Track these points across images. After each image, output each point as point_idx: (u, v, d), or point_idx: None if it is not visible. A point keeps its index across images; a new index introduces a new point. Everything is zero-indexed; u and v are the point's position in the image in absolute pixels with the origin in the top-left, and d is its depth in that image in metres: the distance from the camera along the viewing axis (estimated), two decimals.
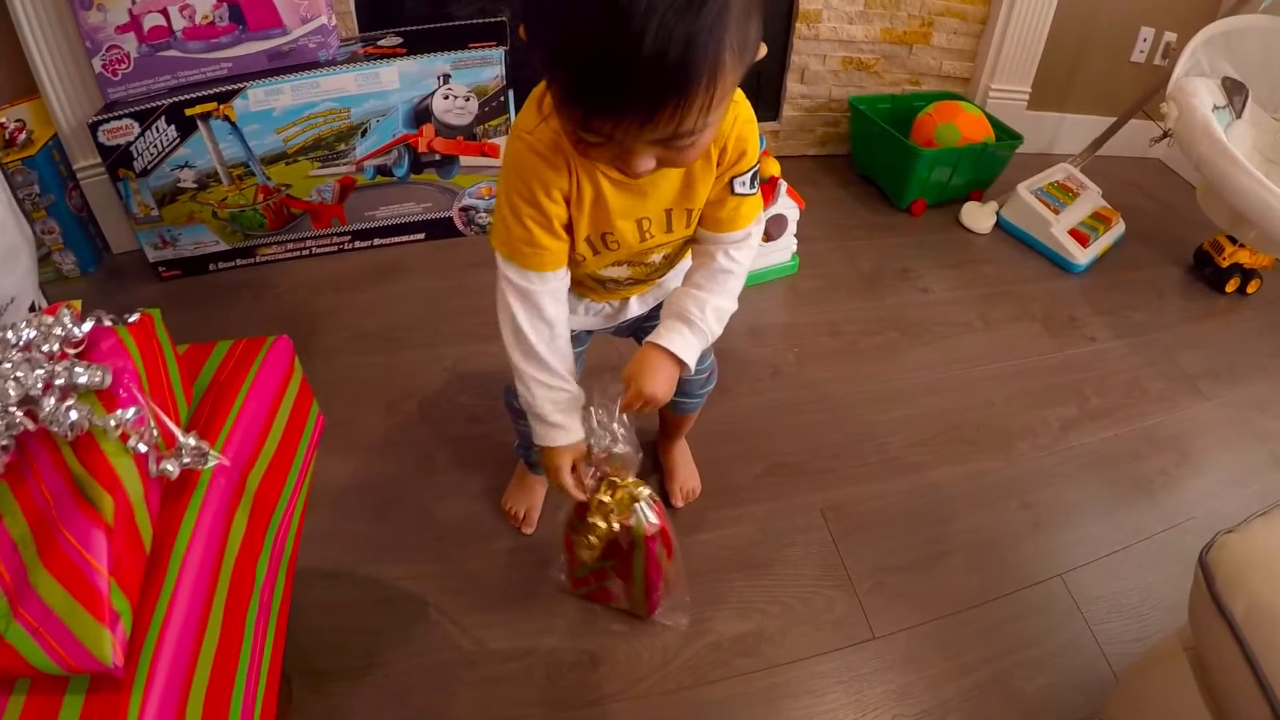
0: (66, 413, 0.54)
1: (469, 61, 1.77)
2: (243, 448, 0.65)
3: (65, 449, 0.55)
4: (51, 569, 0.50)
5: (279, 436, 0.70)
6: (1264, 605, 0.79)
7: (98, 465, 0.53)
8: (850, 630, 1.23)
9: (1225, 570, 0.84)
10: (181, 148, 1.74)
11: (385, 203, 1.94)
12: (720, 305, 0.95)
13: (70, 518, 0.51)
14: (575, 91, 0.62)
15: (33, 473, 0.55)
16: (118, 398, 0.56)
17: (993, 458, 1.56)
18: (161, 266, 1.89)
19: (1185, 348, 1.97)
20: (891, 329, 1.85)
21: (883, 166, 2.33)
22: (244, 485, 0.63)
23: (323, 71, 1.73)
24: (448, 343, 1.70)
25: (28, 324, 0.61)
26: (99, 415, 0.55)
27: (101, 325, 0.61)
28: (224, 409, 0.66)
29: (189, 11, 1.68)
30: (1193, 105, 1.90)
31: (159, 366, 0.62)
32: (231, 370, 0.70)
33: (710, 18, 0.57)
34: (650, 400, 0.93)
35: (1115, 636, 1.27)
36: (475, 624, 1.20)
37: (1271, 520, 0.88)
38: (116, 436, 0.55)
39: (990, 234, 2.27)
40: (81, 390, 0.56)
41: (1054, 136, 2.70)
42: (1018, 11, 2.33)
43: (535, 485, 1.36)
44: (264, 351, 0.73)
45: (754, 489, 1.44)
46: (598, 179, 0.82)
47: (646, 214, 0.88)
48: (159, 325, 0.65)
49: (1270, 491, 1.59)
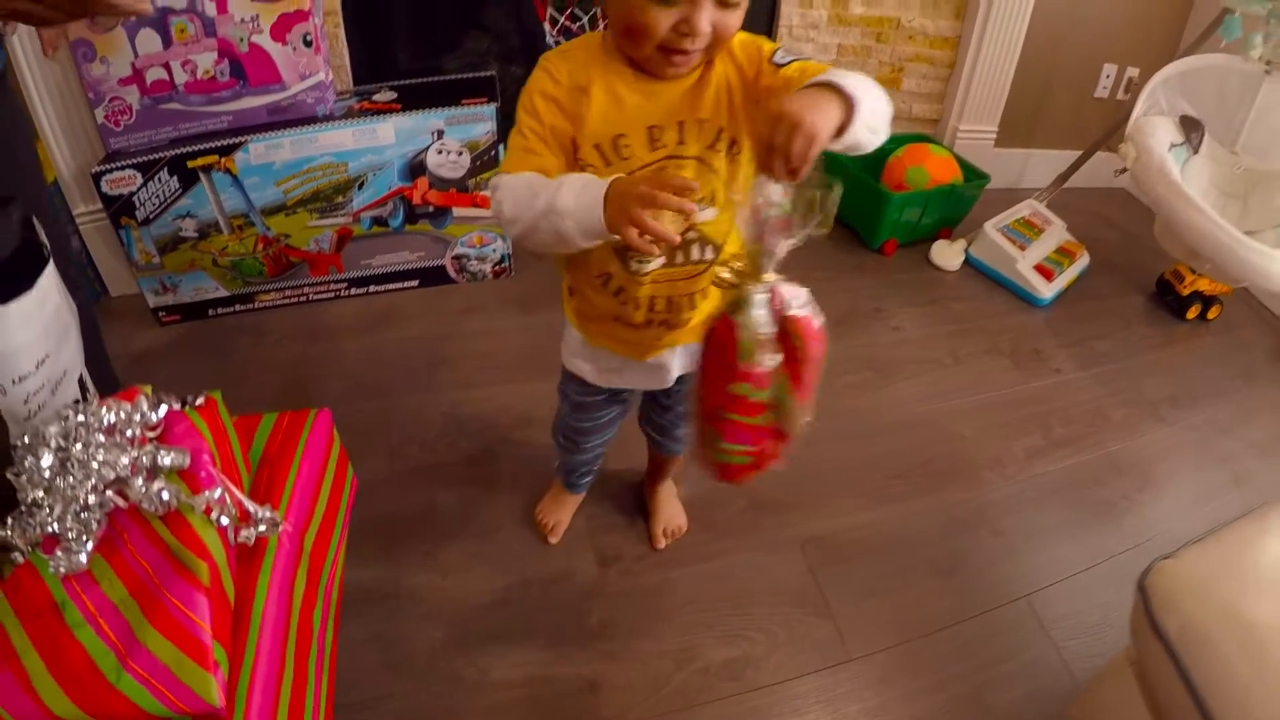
0: (158, 493, 0.66)
1: (461, 118, 1.91)
2: (299, 513, 0.78)
3: (157, 524, 0.67)
4: (159, 627, 0.62)
5: (326, 500, 0.83)
6: (1195, 624, 0.91)
7: (189, 538, 0.66)
8: (829, 653, 1.37)
9: (1160, 593, 0.96)
10: (183, 198, 1.86)
11: (381, 252, 2.07)
12: (857, 80, 0.82)
13: (172, 583, 0.64)
14: None
15: (125, 545, 0.67)
16: (199, 477, 0.69)
17: (963, 488, 1.71)
18: (162, 311, 2.01)
19: (1148, 375, 2.13)
20: (866, 368, 2.00)
21: (855, 209, 2.49)
22: (302, 546, 0.75)
23: (321, 127, 1.85)
24: (444, 389, 1.83)
25: (108, 409, 0.74)
26: (186, 495, 0.67)
27: (174, 409, 0.74)
28: (280, 478, 0.79)
29: (191, 66, 1.79)
30: (1149, 146, 2.06)
31: (225, 443, 0.75)
32: (282, 441, 0.83)
33: None
34: (811, 133, 0.74)
35: (1079, 652, 1.41)
36: (479, 655, 1.32)
37: (1206, 547, 1.00)
38: (202, 512, 0.67)
39: (959, 271, 2.44)
40: (165, 471, 0.68)
41: (1022, 171, 2.87)
42: (984, 56, 2.51)
43: (568, 501, 1.53)
44: (309, 424, 0.86)
45: (737, 524, 1.57)
46: (614, 85, 0.92)
47: (657, 121, 0.93)
48: (221, 406, 0.78)
49: (1229, 510, 1.72)
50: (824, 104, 0.76)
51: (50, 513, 0.69)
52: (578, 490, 1.52)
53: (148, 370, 1.89)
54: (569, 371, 1.24)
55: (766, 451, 1.01)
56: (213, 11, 1.74)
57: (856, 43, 2.44)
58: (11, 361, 0.84)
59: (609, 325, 1.10)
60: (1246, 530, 1.03)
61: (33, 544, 0.71)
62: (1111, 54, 2.75)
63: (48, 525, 0.69)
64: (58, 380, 0.94)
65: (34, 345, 0.86)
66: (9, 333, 0.82)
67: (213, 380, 1.75)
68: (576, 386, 1.25)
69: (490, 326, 2.02)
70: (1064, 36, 2.63)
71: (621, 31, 0.88)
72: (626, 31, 0.87)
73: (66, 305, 0.96)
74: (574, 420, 1.32)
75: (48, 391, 0.91)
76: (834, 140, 0.79)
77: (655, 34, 0.84)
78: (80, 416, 0.72)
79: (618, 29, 0.89)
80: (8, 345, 0.83)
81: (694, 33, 0.84)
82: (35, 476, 0.71)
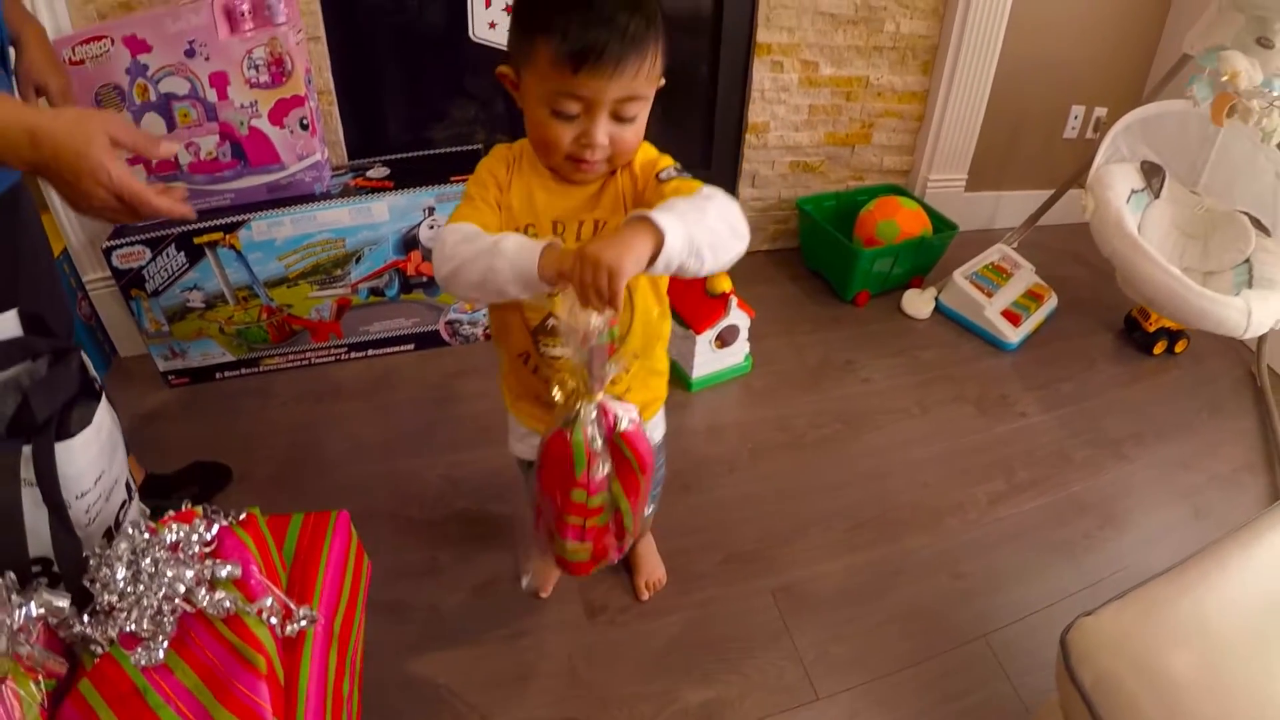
0: (220, 601, 0.88)
1: (451, 195, 2.13)
2: (329, 604, 0.99)
3: (219, 625, 0.89)
4: (230, 708, 0.83)
5: (349, 588, 1.04)
6: (1109, 676, 1.05)
7: (247, 636, 0.87)
8: (798, 694, 1.55)
9: (1079, 647, 1.10)
10: (190, 272, 2.06)
11: (378, 319, 2.29)
12: (692, 202, 0.98)
13: (237, 673, 0.85)
14: (567, 46, 0.94)
15: (194, 641, 0.88)
16: (249, 585, 0.90)
17: (926, 534, 1.89)
18: (171, 375, 2.22)
19: (1111, 414, 2.32)
20: (836, 421, 2.21)
21: (828, 262, 2.71)
22: (332, 630, 0.97)
23: (319, 205, 2.06)
24: (440, 451, 2.03)
25: (169, 530, 0.95)
26: (243, 602, 0.88)
27: (224, 525, 0.95)
28: (312, 574, 1.01)
29: (194, 148, 1.99)
30: (1107, 199, 2.22)
31: (266, 550, 0.96)
32: (310, 540, 1.05)
33: (652, 21, 0.97)
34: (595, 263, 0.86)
35: (1036, 688, 1.59)
36: (481, 702, 1.51)
37: (1123, 604, 1.13)
38: (255, 614, 0.88)
39: (930, 318, 2.65)
40: (222, 582, 0.90)
41: (993, 214, 3.09)
42: (952, 107, 2.73)
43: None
44: (331, 525, 1.08)
45: (714, 575, 1.77)
46: (530, 183, 1.11)
47: (560, 217, 1.13)
48: (261, 520, 0.99)
49: (1189, 542, 1.82)
50: (629, 240, 0.88)
51: (128, 615, 0.90)
52: None
53: (160, 430, 2.10)
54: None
55: (606, 546, 1.17)
56: (214, 98, 1.93)
57: (827, 102, 2.66)
58: (76, 482, 1.05)
59: (532, 405, 1.28)
60: (1166, 588, 1.15)
61: (110, 641, 0.92)
62: (1079, 95, 2.96)
63: (126, 625, 0.90)
64: (110, 488, 1.16)
65: (93, 465, 1.08)
66: (74, 460, 1.04)
67: (224, 441, 2.00)
68: (520, 462, 1.44)
69: (482, 389, 2.22)
70: (1031, 81, 2.84)
71: (535, 143, 1.09)
72: (539, 143, 1.07)
73: (113, 422, 1.18)
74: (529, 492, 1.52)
75: (103, 500, 1.12)
76: (648, 268, 0.90)
77: (560, 146, 1.04)
78: (145, 535, 0.94)
79: (534, 141, 1.09)
80: (73, 470, 1.04)
81: (592, 144, 1.03)
82: (111, 585, 0.93)
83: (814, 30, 2.51)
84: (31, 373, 1.09)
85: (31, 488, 0.99)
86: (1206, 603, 1.13)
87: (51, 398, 1.01)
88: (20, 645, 0.85)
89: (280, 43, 1.90)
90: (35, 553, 1.01)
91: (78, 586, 0.98)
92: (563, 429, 1.02)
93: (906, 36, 2.63)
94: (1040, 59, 2.81)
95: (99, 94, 1.88)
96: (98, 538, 1.11)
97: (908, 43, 2.65)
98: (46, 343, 1.08)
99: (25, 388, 1.04)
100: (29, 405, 0.99)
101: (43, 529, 1.01)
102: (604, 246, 0.87)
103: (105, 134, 0.91)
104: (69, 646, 0.94)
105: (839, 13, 2.50)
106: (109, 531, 1.12)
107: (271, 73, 1.93)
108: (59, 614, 0.89)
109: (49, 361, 1.08)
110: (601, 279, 0.85)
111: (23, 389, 1.05)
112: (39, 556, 1.02)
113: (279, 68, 1.93)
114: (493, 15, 2.24)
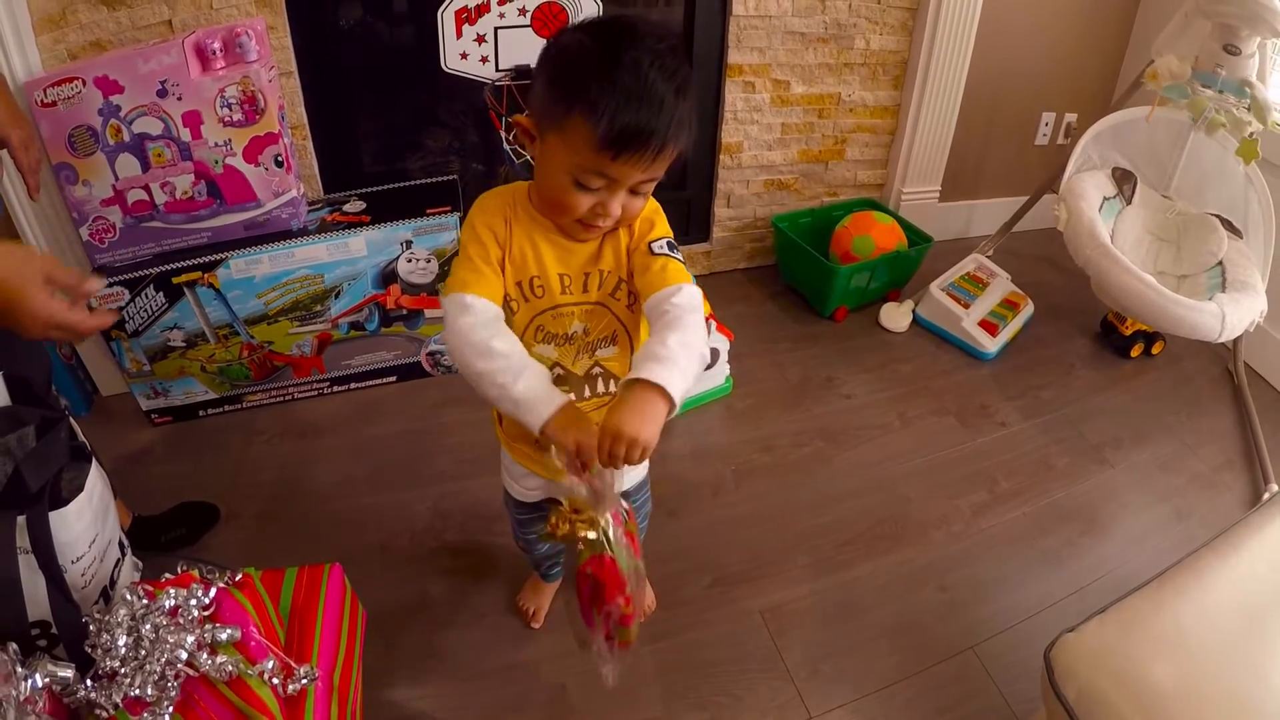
0: (222, 665, 0.91)
1: (427, 228, 2.16)
2: (328, 658, 1.03)
3: (223, 687, 0.92)
4: None
5: (345, 640, 1.08)
6: (1091, 691, 1.09)
7: (251, 697, 0.91)
8: (790, 713, 1.59)
9: (1062, 663, 1.15)
10: (170, 311, 2.08)
11: (360, 353, 2.32)
12: (684, 339, 1.02)
13: None
14: (612, 133, 0.94)
15: (199, 704, 0.92)
16: (250, 647, 0.94)
17: (911, 548, 1.94)
18: (154, 414, 2.24)
19: (1090, 419, 2.38)
20: (818, 439, 2.26)
21: (806, 279, 2.77)
22: (331, 683, 1.00)
23: (297, 242, 2.09)
24: (427, 483, 2.06)
25: (167, 596, 0.99)
26: (245, 665, 0.92)
27: (221, 588, 0.98)
28: (309, 629, 1.04)
29: (169, 187, 2.00)
30: (1080, 209, 2.28)
31: (263, 609, 0.99)
32: (305, 596, 1.09)
33: (691, 102, 0.99)
34: (631, 442, 0.93)
35: (1022, 696, 1.63)
36: None
37: (1105, 620, 1.18)
38: (257, 676, 0.92)
39: (909, 331, 2.71)
40: (223, 645, 0.93)
41: (968, 222, 3.15)
42: (923, 120, 2.79)
43: (545, 589, 1.76)
44: (325, 577, 1.11)
45: (703, 599, 1.81)
46: (533, 236, 1.11)
47: (566, 271, 1.14)
48: (257, 580, 1.03)
49: (1172, 545, 1.97)
50: (648, 412, 0.95)
51: (131, 680, 0.94)
52: (552, 579, 1.76)
53: (145, 470, 2.11)
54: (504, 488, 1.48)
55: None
56: (188, 137, 1.94)
57: (800, 120, 2.71)
58: (71, 547, 1.09)
59: (529, 447, 1.30)
60: (1145, 601, 1.20)
61: (115, 706, 0.95)
62: (1049, 102, 3.02)
63: (130, 690, 0.93)
64: (104, 549, 1.19)
65: (87, 530, 1.11)
66: (69, 526, 1.08)
67: (209, 480, 2.02)
68: (512, 500, 1.48)
69: (466, 418, 2.26)
70: (1001, 90, 2.90)
71: (548, 203, 1.09)
72: (552, 205, 1.07)
73: (104, 485, 1.21)
74: (519, 529, 1.56)
75: (98, 562, 1.16)
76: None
77: (576, 212, 1.05)
78: (144, 600, 0.97)
79: (545, 199, 1.08)
80: (68, 536, 1.08)
81: (607, 215, 1.06)
82: (114, 651, 0.96)
83: (784, 50, 2.55)
84: (21, 438, 1.12)
85: (28, 554, 1.02)
86: (1185, 615, 1.18)
87: (44, 468, 1.04)
88: (27, 716, 0.88)
89: (252, 81, 1.92)
90: (34, 616, 1.05)
91: (78, 651, 1.01)
92: (602, 554, 1.07)
93: (877, 52, 2.68)
94: (1010, 68, 2.87)
95: (72, 136, 1.89)
96: (94, 598, 1.14)
97: (878, 58, 2.70)
98: (35, 412, 1.11)
99: (16, 457, 1.07)
100: (21, 475, 1.03)
101: (40, 594, 1.04)
102: (626, 421, 0.93)
103: (41, 275, 0.98)
104: (74, 711, 0.97)
105: (809, 31, 2.55)
106: (105, 591, 1.15)
107: (245, 111, 1.95)
108: (63, 683, 0.92)
109: (36, 429, 1.11)
110: (634, 454, 0.94)
111: (14, 456, 1.08)
112: (38, 620, 1.05)
113: (252, 106, 1.95)
114: (464, 46, 2.28)
